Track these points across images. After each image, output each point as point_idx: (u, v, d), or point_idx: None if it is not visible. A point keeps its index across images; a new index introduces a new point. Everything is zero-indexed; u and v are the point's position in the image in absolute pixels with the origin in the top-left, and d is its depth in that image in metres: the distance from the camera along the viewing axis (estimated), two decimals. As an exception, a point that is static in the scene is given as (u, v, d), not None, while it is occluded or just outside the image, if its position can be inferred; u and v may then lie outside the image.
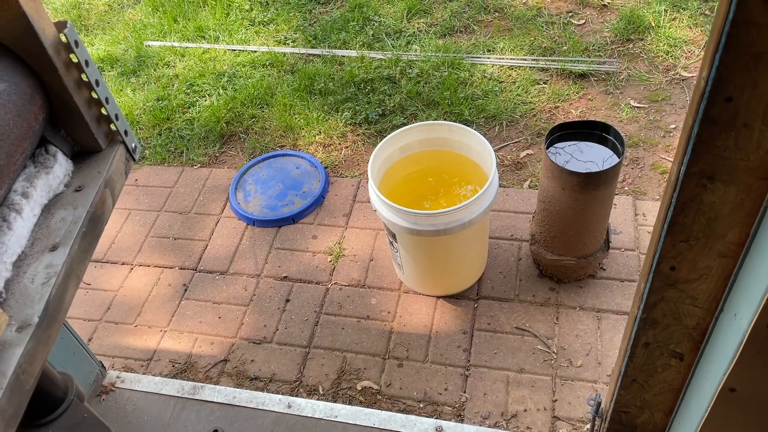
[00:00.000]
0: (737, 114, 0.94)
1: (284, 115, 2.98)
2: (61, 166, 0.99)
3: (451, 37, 3.26)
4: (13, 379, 0.76)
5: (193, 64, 3.36)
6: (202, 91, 3.21)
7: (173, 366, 2.20)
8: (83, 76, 0.99)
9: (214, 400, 1.97)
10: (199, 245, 2.59)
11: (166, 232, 2.66)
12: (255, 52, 3.35)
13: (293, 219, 2.59)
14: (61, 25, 0.94)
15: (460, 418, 1.95)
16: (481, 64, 3.04)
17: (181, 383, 2.04)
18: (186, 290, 2.44)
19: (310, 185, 2.69)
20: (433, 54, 3.11)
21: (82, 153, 1.05)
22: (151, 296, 2.44)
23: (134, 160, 1.09)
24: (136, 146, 1.09)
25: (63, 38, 0.95)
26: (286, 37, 3.43)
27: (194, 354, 2.23)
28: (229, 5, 3.72)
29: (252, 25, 3.57)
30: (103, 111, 1.04)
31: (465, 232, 1.98)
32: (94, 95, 1.02)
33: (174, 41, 3.52)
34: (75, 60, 0.97)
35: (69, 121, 1.01)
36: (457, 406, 1.98)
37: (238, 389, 2.03)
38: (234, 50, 3.40)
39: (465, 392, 2.01)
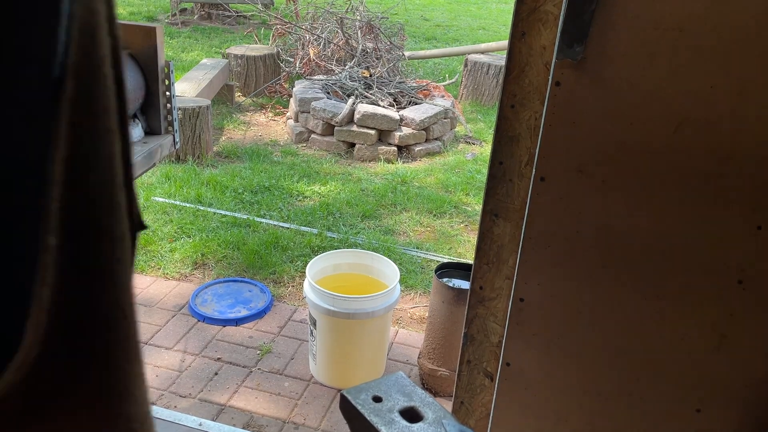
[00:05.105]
0: (505, 173, 1.74)
1: (249, 257, 3.73)
2: (139, 129, 1.77)
3: (391, 235, 4.19)
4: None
5: (186, 216, 4.20)
6: (189, 232, 4.00)
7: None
8: (167, 91, 1.82)
9: (139, 412, 2.38)
10: (154, 328, 3.13)
11: (129, 316, 3.20)
12: (242, 217, 4.22)
13: (236, 322, 3.18)
14: (167, 61, 1.80)
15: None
16: (410, 254, 3.91)
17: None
18: (134, 354, 2.93)
19: (257, 303, 3.33)
20: (375, 241, 4.00)
21: (150, 133, 1.83)
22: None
23: (175, 146, 1.86)
24: (177, 140, 1.87)
25: (165, 69, 1.80)
26: (265, 213, 4.34)
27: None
28: (225, 188, 4.69)
29: (241, 203, 4.51)
30: (169, 115, 1.85)
31: (369, 322, 2.62)
32: (168, 104, 1.84)
33: (177, 200, 4.41)
34: (167, 82, 1.81)
35: (150, 111, 1.81)
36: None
37: (160, 407, 2.46)
38: (223, 214, 4.27)
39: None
